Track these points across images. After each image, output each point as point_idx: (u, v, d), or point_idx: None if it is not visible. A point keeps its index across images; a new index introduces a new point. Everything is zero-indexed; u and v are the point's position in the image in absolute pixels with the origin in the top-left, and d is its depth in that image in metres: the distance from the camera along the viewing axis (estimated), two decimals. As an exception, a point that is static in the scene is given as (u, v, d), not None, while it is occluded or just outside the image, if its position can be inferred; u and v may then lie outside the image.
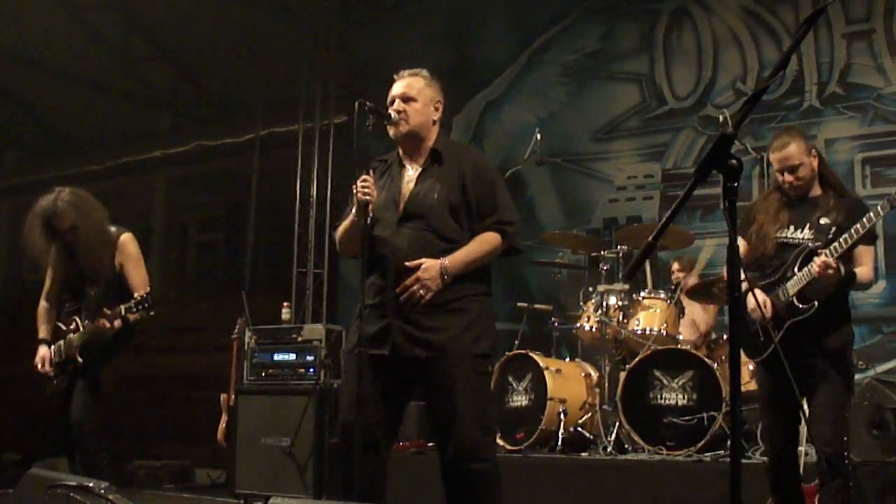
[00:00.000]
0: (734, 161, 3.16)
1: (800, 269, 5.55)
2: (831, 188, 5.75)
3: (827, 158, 9.39)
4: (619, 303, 8.35)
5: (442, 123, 5.21)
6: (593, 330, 8.44)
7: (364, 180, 4.88)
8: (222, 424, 9.76)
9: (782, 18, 10.03)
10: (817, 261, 5.40)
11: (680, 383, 7.63)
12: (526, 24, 11.26)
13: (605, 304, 8.36)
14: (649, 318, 8.18)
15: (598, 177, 10.84)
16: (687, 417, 7.55)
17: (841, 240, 5.39)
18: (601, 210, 10.74)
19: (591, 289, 8.64)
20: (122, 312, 6.37)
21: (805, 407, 5.48)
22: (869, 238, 5.54)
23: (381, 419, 4.89)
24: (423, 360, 4.84)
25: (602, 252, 8.73)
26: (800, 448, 5.98)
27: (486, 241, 4.99)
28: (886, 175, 9.45)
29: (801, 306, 5.51)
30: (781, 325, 5.56)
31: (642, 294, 8.35)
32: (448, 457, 4.86)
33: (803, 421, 5.54)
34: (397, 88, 5.13)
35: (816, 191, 5.74)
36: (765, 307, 5.53)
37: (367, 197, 4.85)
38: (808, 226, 5.63)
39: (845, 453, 5.44)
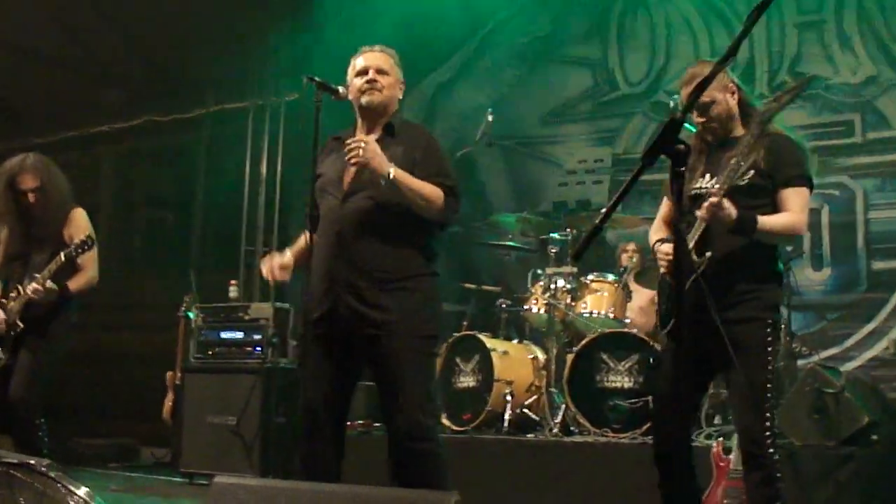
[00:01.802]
0: (682, 146, 3.17)
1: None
2: (754, 125, 4.84)
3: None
4: (567, 286, 8.36)
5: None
6: (541, 312, 8.46)
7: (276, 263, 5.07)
8: (168, 402, 9.74)
9: (735, 6, 10.08)
10: (705, 203, 4.67)
11: (626, 366, 7.67)
12: (479, 5, 11.24)
13: (553, 286, 8.37)
14: (597, 301, 8.21)
15: (549, 160, 10.87)
16: (633, 401, 7.59)
17: (725, 175, 4.71)
18: (551, 193, 10.73)
19: (539, 271, 8.65)
20: (62, 259, 6.36)
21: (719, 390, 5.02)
22: (797, 179, 4.88)
23: (331, 397, 4.91)
24: (370, 339, 4.85)
25: (551, 235, 8.76)
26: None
27: (431, 186, 4.92)
28: (834, 164, 9.53)
29: (697, 259, 4.73)
30: (693, 290, 4.67)
31: (590, 277, 8.35)
32: (394, 436, 4.88)
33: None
34: (370, 60, 5.14)
35: (739, 131, 5.00)
36: (668, 262, 4.93)
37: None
38: (719, 171, 4.85)
39: (768, 442, 4.77)
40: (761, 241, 4.86)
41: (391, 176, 4.80)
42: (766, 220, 4.78)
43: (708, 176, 4.95)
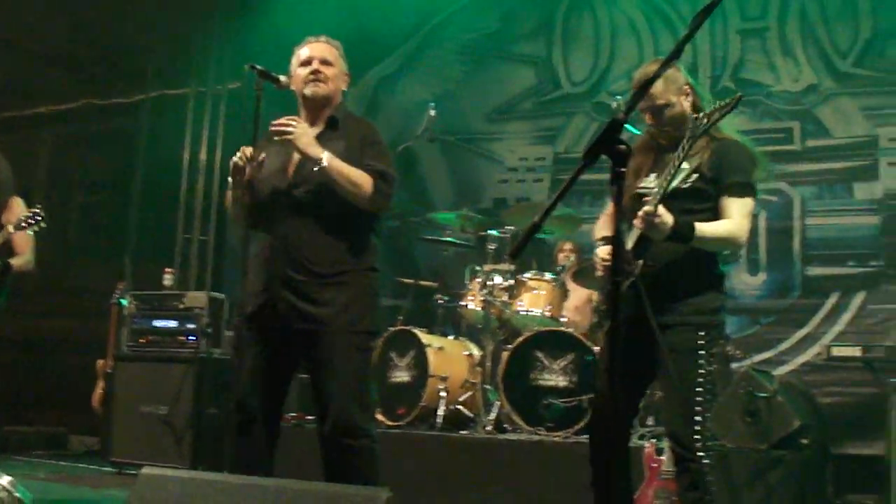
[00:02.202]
0: (623, 146, 3.16)
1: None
2: (702, 129, 4.63)
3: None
4: (505, 283, 8.36)
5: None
6: (478, 309, 8.46)
7: (238, 160, 4.84)
8: (98, 391, 9.62)
9: (680, 10, 10.12)
10: (640, 212, 4.58)
11: (561, 365, 7.68)
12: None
13: (490, 283, 8.36)
14: (534, 299, 8.20)
15: (490, 157, 10.86)
16: (566, 399, 7.60)
17: (661, 181, 4.61)
18: (491, 190, 10.77)
19: (477, 268, 8.63)
20: (11, 230, 6.29)
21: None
22: (738, 188, 4.77)
23: (265, 392, 4.87)
24: (307, 333, 4.82)
25: (490, 232, 8.75)
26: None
27: (361, 172, 4.89)
28: (773, 170, 9.59)
29: (629, 267, 4.67)
30: (631, 293, 4.65)
31: (528, 275, 8.34)
32: (327, 431, 4.86)
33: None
34: (315, 51, 5.10)
35: (687, 132, 4.70)
36: (605, 265, 4.87)
37: (244, 172, 4.82)
38: (656, 172, 4.85)
39: (697, 446, 4.73)
40: (699, 247, 4.79)
41: (322, 160, 4.77)
42: (705, 228, 4.71)
43: (653, 176, 4.89)
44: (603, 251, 4.94)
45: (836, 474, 8.26)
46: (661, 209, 4.58)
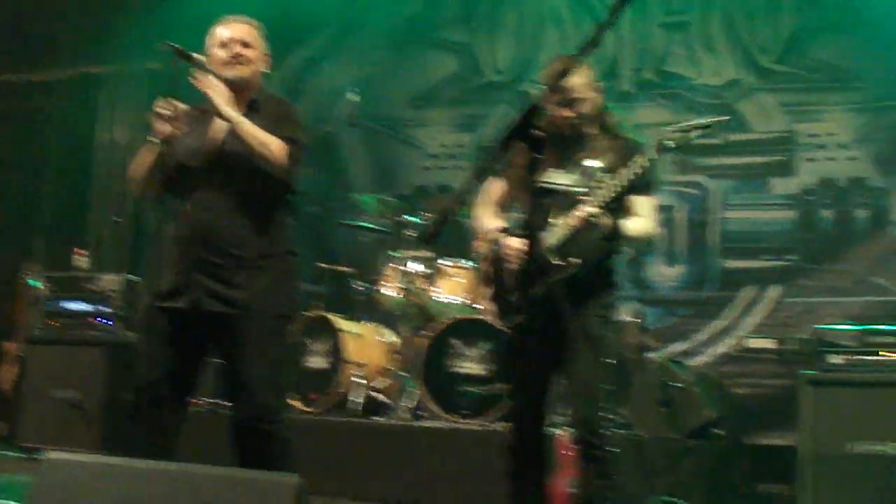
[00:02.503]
0: (540, 132, 3.15)
1: (560, 219, 4.84)
2: (607, 129, 5.08)
3: (636, 145, 9.65)
4: (423, 270, 8.35)
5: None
6: (395, 295, 8.42)
7: (163, 107, 4.73)
8: (7, 374, 9.45)
9: (606, 1, 10.14)
10: (579, 211, 4.73)
11: (478, 353, 7.68)
12: (349, -18, 11.16)
13: (408, 270, 8.35)
14: (452, 286, 8.18)
15: (412, 143, 10.81)
16: (483, 387, 7.60)
17: (607, 187, 4.75)
18: (412, 177, 10.72)
19: (395, 254, 8.61)
20: None
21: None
22: (645, 187, 4.93)
23: (175, 376, 4.79)
24: (221, 317, 4.75)
25: (409, 218, 8.72)
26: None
27: (272, 136, 4.79)
28: (691, 163, 9.66)
29: (560, 263, 4.78)
30: (538, 283, 4.83)
31: (446, 262, 8.34)
32: (240, 416, 4.79)
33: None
34: (234, 31, 4.98)
35: (591, 130, 5.05)
36: (520, 257, 4.88)
37: (167, 127, 4.72)
38: (574, 170, 4.95)
39: (602, 433, 4.86)
40: (622, 246, 5.00)
41: (233, 118, 4.71)
42: (630, 227, 4.88)
43: (556, 171, 4.94)
44: (515, 242, 4.93)
45: (749, 464, 8.35)
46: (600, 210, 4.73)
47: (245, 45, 4.96)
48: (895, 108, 9.06)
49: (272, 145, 4.76)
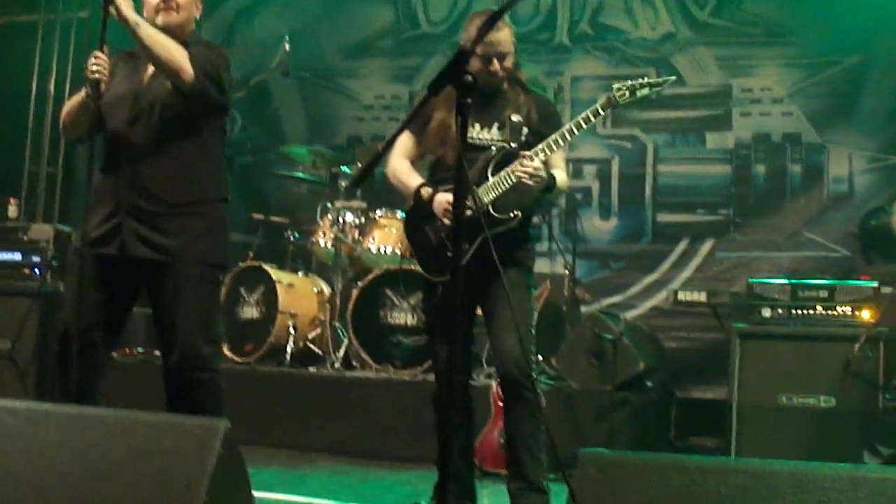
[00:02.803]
0: (469, 77, 3.13)
1: (494, 174, 4.91)
2: (518, 84, 5.14)
3: (571, 96, 9.67)
4: (356, 220, 8.34)
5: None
6: (328, 246, 8.41)
7: (97, 57, 4.64)
8: (-65, 324, 9.32)
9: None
10: (524, 165, 4.80)
11: (411, 304, 7.67)
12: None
13: (341, 220, 8.33)
14: (385, 237, 8.17)
15: (346, 94, 10.73)
16: (415, 338, 7.61)
17: (550, 141, 4.82)
18: (346, 127, 10.66)
19: (328, 204, 8.58)
20: None
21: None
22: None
23: (102, 322, 4.73)
24: (152, 263, 4.69)
25: (343, 168, 8.69)
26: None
27: (179, 47, 4.67)
28: (626, 117, 9.67)
29: (499, 216, 4.83)
30: (473, 237, 4.83)
31: (379, 213, 8.32)
32: (171, 364, 4.74)
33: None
34: None
35: (505, 84, 5.10)
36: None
37: (98, 75, 4.63)
38: (496, 125, 5.00)
39: (530, 374, 4.88)
40: (549, 198, 5.25)
41: (137, 24, 4.58)
42: (558, 179, 5.00)
43: (479, 126, 4.99)
44: (446, 197, 4.92)
45: (680, 417, 8.41)
46: (539, 162, 4.83)
47: None
48: (831, 63, 9.10)
49: (175, 51, 4.63)
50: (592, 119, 4.83)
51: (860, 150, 8.97)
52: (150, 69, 4.79)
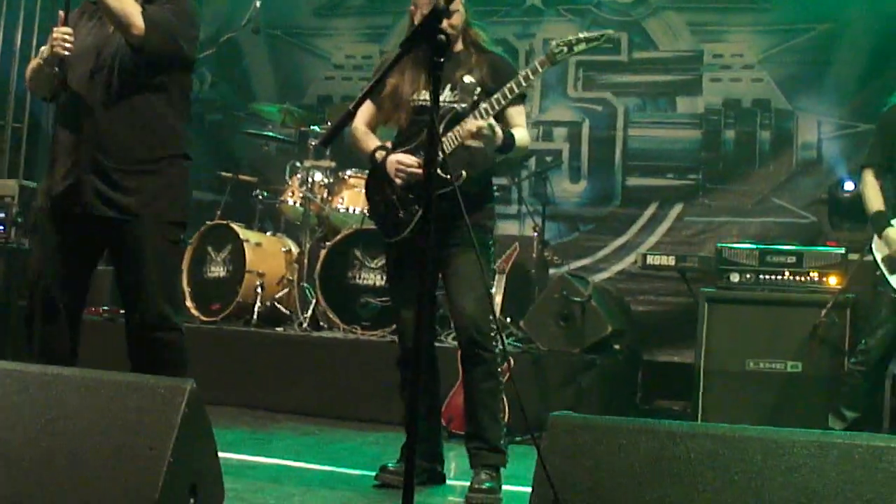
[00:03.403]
0: (442, 35, 3.11)
1: (443, 136, 4.83)
2: (473, 44, 5.14)
3: (543, 59, 9.64)
4: (325, 180, 8.31)
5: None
6: (297, 205, 8.37)
7: (65, 33, 4.58)
8: None
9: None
10: (469, 124, 4.79)
11: (379, 264, 7.64)
12: None
13: (310, 180, 8.29)
14: (354, 197, 8.12)
15: (317, 53, 10.67)
16: (383, 298, 7.59)
17: (493, 100, 4.82)
18: (316, 86, 10.61)
19: (297, 164, 8.54)
20: None
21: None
22: (520, 98, 5.02)
23: (66, 281, 4.68)
24: (112, 222, 4.63)
25: (312, 128, 8.64)
26: None
27: (131, 1, 4.57)
28: (598, 80, 9.68)
29: (446, 176, 4.66)
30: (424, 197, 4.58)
31: (349, 173, 8.27)
32: (134, 324, 4.69)
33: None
34: None
35: (458, 46, 5.12)
36: (414, 168, 4.93)
37: (65, 52, 4.57)
38: (449, 86, 4.99)
39: (487, 333, 4.92)
40: (510, 156, 5.23)
41: None
42: (517, 138, 5.00)
43: (447, 90, 4.99)
44: (405, 158, 4.97)
45: (647, 380, 8.46)
46: (493, 122, 4.81)
47: None
48: (802, 30, 9.11)
49: (127, 4, 4.53)
50: (531, 76, 4.86)
51: (829, 117, 8.99)
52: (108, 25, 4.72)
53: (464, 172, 4.85)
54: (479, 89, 4.94)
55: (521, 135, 5.06)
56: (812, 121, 9.06)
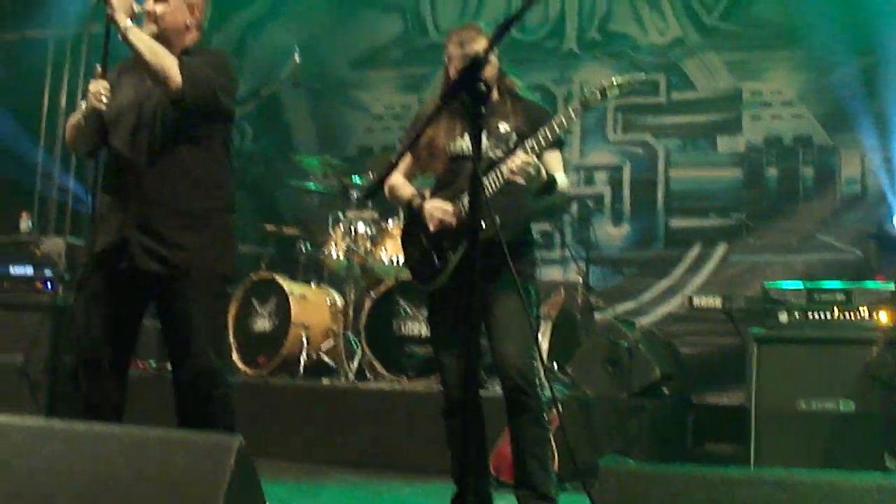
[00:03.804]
0: (482, 85, 3.11)
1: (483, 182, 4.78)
2: (508, 92, 5.14)
3: (581, 104, 9.65)
4: (368, 231, 8.33)
5: (202, 31, 4.97)
6: (340, 257, 8.39)
7: (102, 86, 4.61)
8: (-50, 338, 9.31)
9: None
10: (514, 161, 4.71)
11: (423, 314, 7.63)
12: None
13: (353, 231, 8.31)
14: (397, 247, 8.08)
15: (356, 104, 10.73)
16: (428, 348, 7.55)
17: (527, 146, 4.79)
18: (357, 138, 10.66)
19: (340, 215, 8.56)
20: None
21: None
22: (556, 144, 4.99)
23: (113, 338, 4.70)
24: (159, 277, 4.64)
25: (354, 179, 8.67)
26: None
27: (169, 54, 4.61)
28: (636, 123, 9.68)
29: (487, 223, 4.61)
30: (458, 246, 4.94)
31: (391, 223, 8.30)
32: (181, 379, 4.70)
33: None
34: None
35: (493, 94, 5.01)
36: (449, 214, 4.93)
37: (102, 106, 4.60)
38: (485, 134, 4.89)
39: (533, 380, 4.88)
40: (551, 200, 5.26)
41: (126, 27, 4.53)
42: (558, 180, 4.98)
43: (468, 138, 4.88)
44: (442, 205, 4.98)
45: (696, 423, 8.36)
46: (538, 162, 4.76)
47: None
48: (840, 65, 9.06)
49: (164, 57, 4.57)
50: (566, 122, 4.84)
51: (872, 150, 8.93)
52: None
53: (498, 219, 4.76)
54: (514, 136, 4.95)
55: (561, 178, 5.04)
56: (854, 155, 9.00)
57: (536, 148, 4.82)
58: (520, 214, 5.03)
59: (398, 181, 5.21)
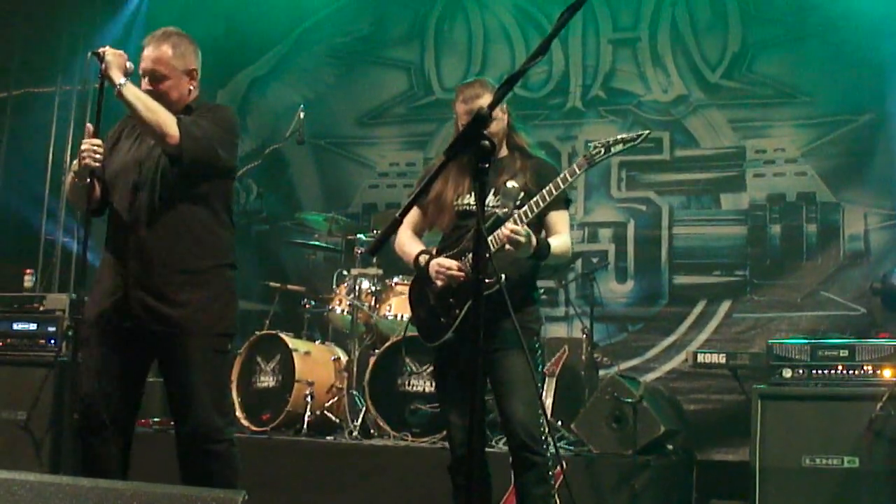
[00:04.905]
0: (486, 142, 3.13)
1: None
2: (517, 149, 5.20)
3: (586, 160, 9.69)
4: (372, 287, 8.36)
5: (202, 89, 5.01)
6: (345, 313, 8.40)
7: (94, 144, 4.64)
8: (-47, 395, 9.31)
9: (551, 16, 10.12)
10: (504, 229, 4.76)
11: (429, 370, 7.63)
12: (299, 2, 11.11)
13: (357, 287, 8.33)
14: (401, 304, 8.14)
15: (361, 161, 10.77)
16: (433, 405, 7.56)
17: (531, 203, 4.86)
18: (361, 195, 10.68)
19: (344, 272, 8.60)
20: None
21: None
22: (562, 203, 5.11)
23: (118, 395, 4.70)
24: (160, 335, 4.66)
25: (358, 236, 8.70)
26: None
27: (165, 110, 4.64)
28: (641, 180, 9.70)
29: (486, 280, 4.51)
30: (464, 303, 4.93)
31: (396, 280, 8.33)
32: (184, 436, 4.72)
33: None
34: (146, 60, 4.81)
35: (502, 152, 5.17)
36: (455, 272, 4.95)
37: (95, 164, 4.63)
38: (493, 191, 5.01)
39: (538, 438, 4.90)
40: (548, 263, 5.18)
41: (120, 83, 4.56)
42: (554, 244, 5.03)
43: (474, 193, 4.82)
44: (447, 262, 5.02)
45: (701, 480, 8.34)
46: (526, 229, 4.83)
47: (155, 79, 4.79)
48: (843, 122, 9.12)
49: (160, 114, 4.59)
50: (569, 178, 4.89)
51: (875, 207, 8.96)
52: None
53: (503, 276, 4.75)
54: (522, 194, 4.96)
55: (559, 242, 5.08)
56: (858, 212, 9.03)
57: (540, 205, 4.85)
58: (517, 272, 5.01)
59: (406, 236, 5.29)
